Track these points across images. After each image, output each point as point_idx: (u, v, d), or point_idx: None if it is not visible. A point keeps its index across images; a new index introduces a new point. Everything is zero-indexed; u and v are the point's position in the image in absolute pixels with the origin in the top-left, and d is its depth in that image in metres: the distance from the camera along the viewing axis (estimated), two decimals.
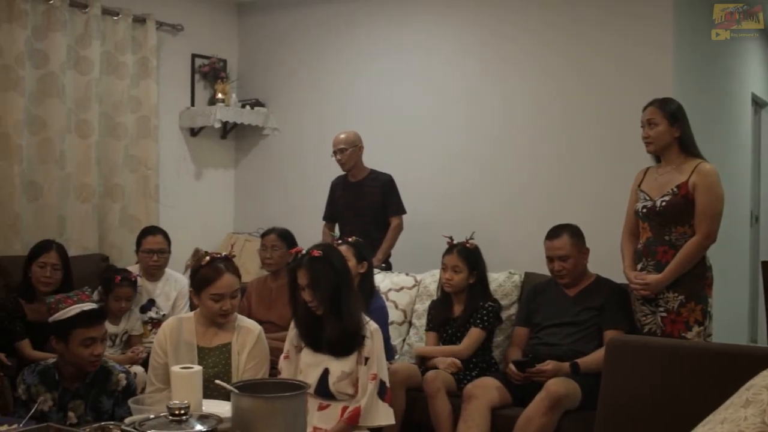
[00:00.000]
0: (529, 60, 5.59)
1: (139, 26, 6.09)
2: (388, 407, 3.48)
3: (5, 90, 5.27)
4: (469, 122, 5.81)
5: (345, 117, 6.17)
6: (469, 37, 5.84)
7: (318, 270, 3.45)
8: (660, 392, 3.17)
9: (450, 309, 4.58)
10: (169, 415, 2.47)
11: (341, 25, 6.45)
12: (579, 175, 5.38)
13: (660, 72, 5.06)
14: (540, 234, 4.51)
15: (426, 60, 6.01)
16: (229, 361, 3.54)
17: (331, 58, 6.50)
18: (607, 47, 5.27)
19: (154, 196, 6.12)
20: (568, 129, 5.43)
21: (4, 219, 5.26)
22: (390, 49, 6.18)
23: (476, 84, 5.80)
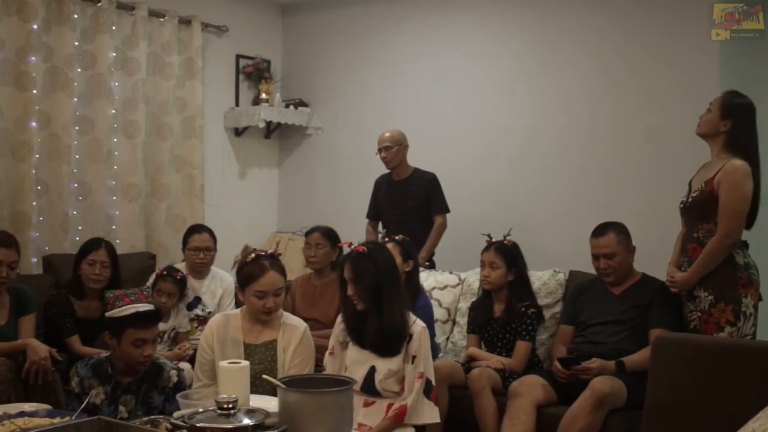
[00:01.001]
0: (571, 58, 5.55)
1: (184, 27, 6.16)
2: (434, 406, 3.49)
3: (55, 91, 5.35)
4: (513, 121, 5.79)
5: (388, 116, 6.18)
6: (513, 36, 5.82)
7: (361, 265, 3.49)
8: (707, 390, 3.14)
9: (491, 309, 4.58)
10: (217, 409, 2.50)
11: (384, 24, 6.46)
12: (626, 173, 5.33)
13: (706, 72, 5.00)
14: (585, 232, 4.49)
15: (470, 59, 6.00)
16: (275, 357, 3.56)
17: (374, 57, 6.51)
18: (658, 46, 5.21)
19: (199, 196, 6.18)
20: (615, 126, 5.38)
21: (54, 218, 5.35)
22: (433, 47, 6.17)
23: (518, 83, 5.77)
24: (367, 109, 6.51)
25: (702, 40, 5.05)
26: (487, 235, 4.65)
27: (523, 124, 5.75)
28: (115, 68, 5.68)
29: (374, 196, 5.73)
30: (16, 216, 5.15)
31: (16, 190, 5.16)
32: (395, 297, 3.51)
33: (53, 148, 5.35)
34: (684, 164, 4.35)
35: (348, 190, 6.52)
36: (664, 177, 5.03)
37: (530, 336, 4.41)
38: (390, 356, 3.48)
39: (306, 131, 6.78)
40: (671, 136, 5.10)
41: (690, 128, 4.15)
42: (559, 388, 4.12)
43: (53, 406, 3.34)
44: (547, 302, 4.76)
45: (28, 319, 4.27)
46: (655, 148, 5.21)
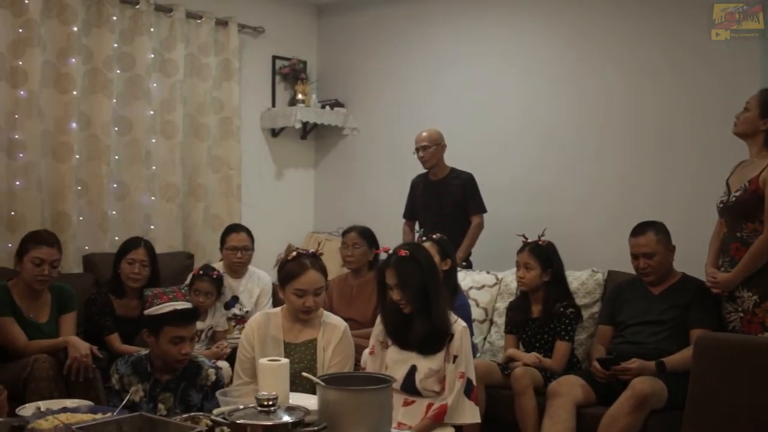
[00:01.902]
0: (613, 57, 5.50)
1: (221, 29, 6.20)
2: (474, 406, 3.47)
3: (94, 92, 5.42)
4: (551, 120, 5.75)
5: (424, 116, 6.16)
6: (552, 36, 5.77)
7: (406, 269, 3.47)
8: (750, 391, 3.11)
9: (528, 310, 4.55)
10: (257, 406, 2.52)
11: (420, 24, 6.46)
12: (665, 172, 5.27)
13: (748, 69, 4.94)
14: (624, 231, 4.45)
15: (506, 58, 5.97)
16: (315, 356, 3.56)
17: (410, 57, 6.51)
18: (699, 42, 5.16)
19: (236, 196, 6.21)
20: (655, 125, 5.32)
21: (93, 217, 5.41)
22: (470, 47, 6.15)
23: (558, 82, 5.73)
24: (403, 109, 6.50)
25: (741, 40, 5.00)
26: (522, 236, 4.63)
27: (561, 123, 5.71)
28: (153, 69, 5.74)
29: (411, 196, 5.73)
30: (57, 216, 5.22)
31: (56, 190, 5.23)
32: (440, 296, 3.50)
33: (93, 148, 5.41)
34: (725, 163, 4.29)
35: (384, 190, 6.52)
36: (705, 176, 4.95)
37: (569, 336, 4.38)
38: (431, 355, 3.47)
39: (342, 132, 6.79)
40: (711, 135, 5.03)
41: (729, 127, 4.10)
42: (599, 389, 4.09)
43: (94, 402, 3.36)
44: (585, 302, 4.73)
45: (69, 317, 4.32)
46: (695, 147, 5.15)
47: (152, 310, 3.42)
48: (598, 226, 5.47)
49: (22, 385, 3.77)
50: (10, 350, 4.05)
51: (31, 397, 3.64)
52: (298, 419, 2.50)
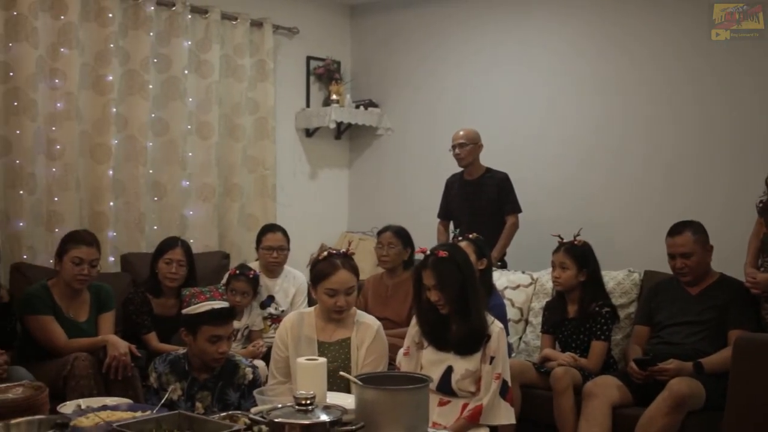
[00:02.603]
0: (656, 59, 5.46)
1: (256, 30, 6.24)
2: (510, 407, 3.47)
3: (131, 94, 5.47)
4: (587, 120, 5.72)
5: (458, 116, 6.16)
6: (585, 36, 5.75)
7: (444, 270, 3.47)
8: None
9: (564, 310, 4.54)
10: (295, 405, 2.53)
11: (454, 23, 6.45)
12: (703, 171, 5.23)
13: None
14: (660, 231, 4.43)
15: (540, 58, 5.95)
16: (348, 355, 3.57)
17: (444, 57, 6.50)
18: (739, 45, 5.11)
19: (271, 196, 6.25)
20: (693, 125, 5.28)
21: (130, 217, 5.47)
22: (502, 47, 6.14)
23: (593, 81, 5.70)
24: (437, 109, 6.50)
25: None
26: (558, 236, 4.61)
27: (596, 123, 5.68)
28: (189, 71, 5.78)
29: (445, 195, 5.72)
30: (95, 216, 5.28)
31: (94, 191, 5.29)
32: (478, 297, 3.50)
33: (130, 149, 5.47)
34: (764, 162, 4.25)
35: (418, 190, 6.52)
36: (744, 176, 4.91)
37: (605, 336, 4.35)
38: (468, 356, 3.47)
39: (376, 132, 6.80)
40: (750, 134, 4.99)
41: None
42: (635, 389, 4.06)
43: (132, 400, 3.40)
44: (621, 302, 4.70)
45: (107, 316, 4.37)
46: (734, 146, 5.10)
47: (190, 309, 3.45)
48: (634, 225, 5.44)
49: (62, 383, 3.81)
50: (51, 348, 4.09)
51: (71, 395, 3.68)
52: (336, 418, 2.51)
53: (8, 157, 4.88)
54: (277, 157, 6.34)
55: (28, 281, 4.50)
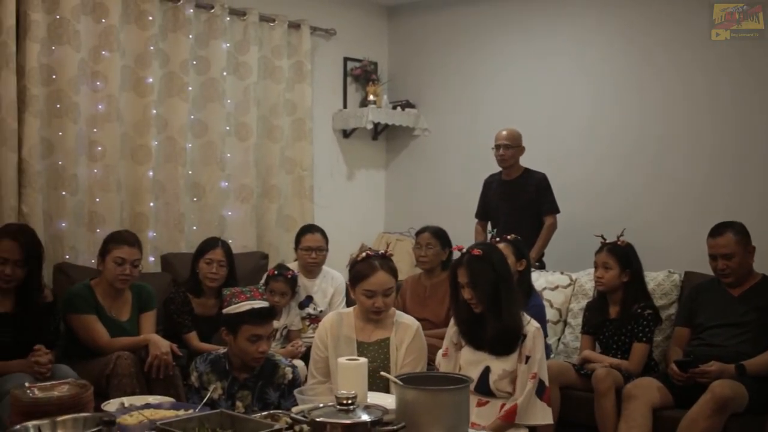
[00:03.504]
0: (691, 55, 5.41)
1: (294, 32, 6.27)
2: (547, 407, 3.45)
3: (171, 96, 5.52)
4: (625, 120, 5.68)
5: (496, 116, 6.14)
6: (624, 35, 5.70)
7: (478, 268, 3.47)
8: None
9: (606, 311, 4.51)
10: (336, 405, 2.54)
11: (490, 24, 6.44)
12: (744, 171, 5.18)
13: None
14: (701, 232, 4.39)
15: (578, 58, 5.92)
16: (388, 356, 3.58)
17: (481, 57, 6.49)
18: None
19: (308, 197, 6.27)
20: (732, 124, 5.23)
21: (170, 218, 5.52)
22: (541, 47, 6.12)
23: (633, 81, 5.66)
24: (474, 110, 6.49)
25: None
26: (601, 236, 4.58)
27: (636, 122, 5.64)
28: (228, 72, 5.82)
29: (483, 195, 5.71)
30: (135, 216, 5.34)
31: (135, 192, 5.35)
32: (512, 297, 3.49)
33: (169, 151, 5.52)
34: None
35: (455, 190, 6.51)
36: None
37: (647, 338, 4.32)
38: (505, 356, 3.46)
39: (413, 132, 6.80)
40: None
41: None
42: (676, 391, 4.03)
43: (173, 399, 3.43)
44: (662, 303, 4.67)
45: (149, 316, 4.41)
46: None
47: (230, 308, 3.47)
48: (675, 226, 5.40)
49: (105, 382, 3.86)
50: (93, 347, 4.14)
51: (114, 393, 3.73)
52: (377, 418, 2.52)
53: (51, 159, 4.95)
54: (315, 158, 6.37)
55: (71, 281, 4.56)
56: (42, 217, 4.83)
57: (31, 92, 4.77)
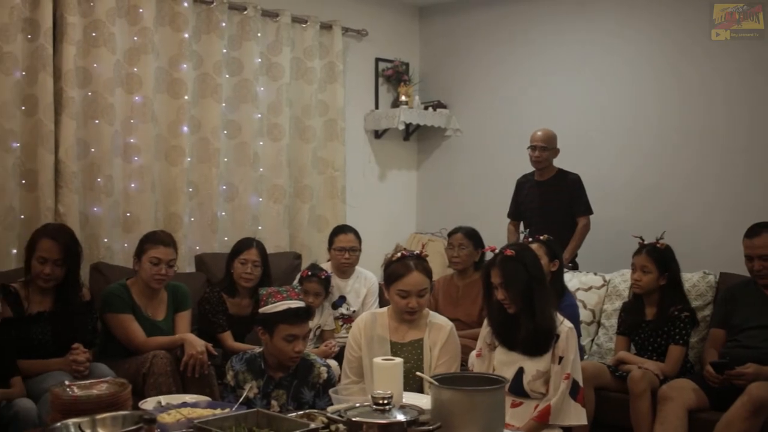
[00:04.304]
0: (724, 55, 5.37)
1: (326, 33, 6.29)
2: (581, 407, 3.44)
3: (204, 97, 5.57)
4: (660, 120, 5.65)
5: (527, 117, 6.14)
6: (661, 34, 5.67)
7: (511, 269, 3.47)
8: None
9: (642, 312, 4.48)
10: (372, 404, 2.55)
11: (522, 24, 6.42)
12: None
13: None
14: (736, 233, 4.36)
15: (613, 57, 5.90)
16: (421, 356, 3.59)
17: (512, 57, 6.48)
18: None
19: (340, 197, 6.29)
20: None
21: (204, 218, 5.56)
22: (574, 46, 6.10)
23: (669, 80, 5.62)
24: (506, 110, 6.48)
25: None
26: (639, 238, 4.55)
27: (672, 123, 5.62)
28: (260, 73, 5.86)
29: (516, 196, 5.70)
30: (170, 217, 5.38)
31: (169, 192, 5.39)
32: (545, 297, 3.48)
33: (203, 151, 5.56)
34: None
35: (487, 190, 6.51)
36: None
37: (684, 340, 4.29)
38: (538, 357, 3.45)
39: (445, 133, 6.80)
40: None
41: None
42: (711, 393, 4.00)
43: (209, 398, 3.46)
44: (697, 305, 4.63)
45: (184, 315, 4.44)
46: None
47: (267, 308, 3.48)
48: (710, 227, 5.36)
49: (142, 380, 3.90)
50: (130, 346, 4.19)
51: (150, 392, 3.78)
52: (413, 418, 2.53)
53: (87, 160, 5.00)
54: (347, 159, 6.38)
55: (107, 281, 4.61)
56: (78, 217, 4.88)
57: (67, 94, 4.83)
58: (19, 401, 3.49)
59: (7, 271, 4.41)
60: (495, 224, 5.72)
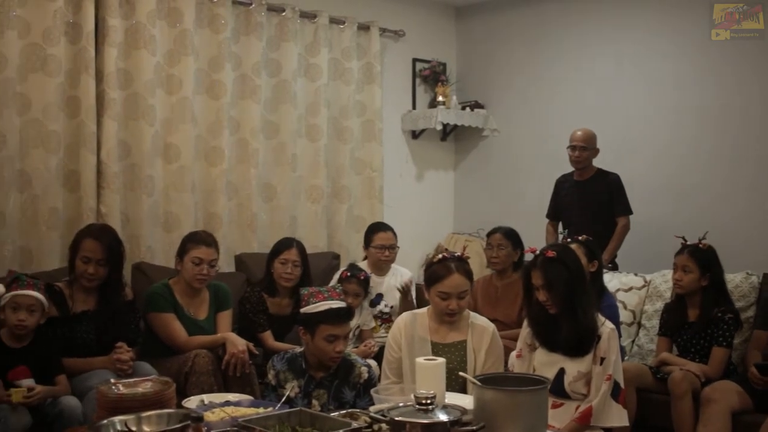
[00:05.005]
0: (759, 52, 5.31)
1: (363, 33, 6.30)
2: (622, 409, 3.42)
3: (243, 98, 5.60)
4: (701, 120, 5.59)
5: (565, 116, 6.10)
6: (697, 33, 5.59)
7: (552, 270, 3.45)
8: None
9: (684, 313, 4.44)
10: (415, 404, 2.56)
11: (559, 23, 6.39)
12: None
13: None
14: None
15: (651, 56, 5.83)
16: (465, 357, 3.59)
17: (550, 56, 6.45)
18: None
19: (378, 197, 6.30)
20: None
21: (243, 218, 5.59)
22: (612, 45, 6.05)
23: (709, 79, 5.56)
24: (544, 110, 6.45)
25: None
26: (682, 238, 4.51)
27: (713, 123, 5.55)
28: (299, 75, 5.88)
29: (555, 196, 5.68)
30: (209, 217, 5.42)
31: (208, 193, 5.43)
32: (586, 298, 3.46)
33: (242, 152, 5.59)
34: None
35: (524, 191, 6.48)
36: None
37: (727, 342, 4.24)
38: (580, 357, 3.44)
39: (482, 133, 6.78)
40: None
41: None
42: (755, 395, 3.96)
43: (251, 397, 3.49)
44: (740, 306, 4.58)
45: (225, 315, 4.47)
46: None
47: (308, 308, 3.50)
48: (753, 227, 5.30)
49: (184, 379, 3.93)
50: (172, 345, 4.22)
51: (192, 391, 3.81)
52: (456, 418, 2.53)
53: (128, 161, 5.06)
54: (384, 159, 6.39)
55: (149, 280, 4.66)
56: (119, 217, 4.94)
57: (109, 96, 4.88)
58: (64, 399, 3.54)
59: (51, 271, 4.47)
60: (532, 224, 5.69)
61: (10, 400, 3.40)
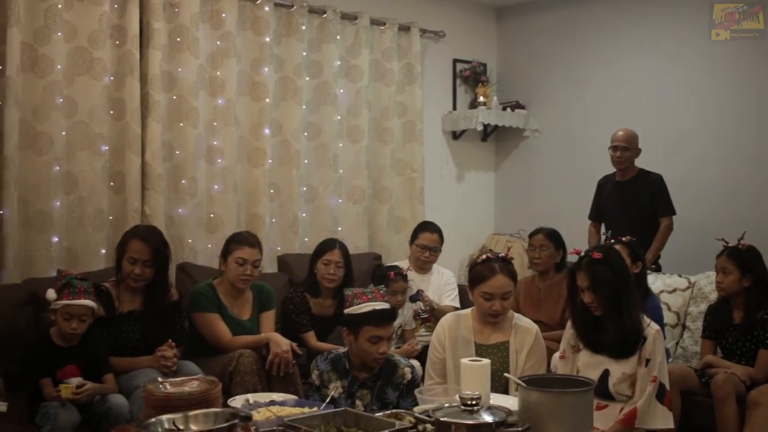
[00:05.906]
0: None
1: (404, 34, 6.31)
2: (667, 411, 3.39)
3: (285, 99, 5.64)
4: (746, 120, 5.53)
5: (608, 116, 6.06)
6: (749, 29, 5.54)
7: (598, 272, 3.43)
8: None
9: (729, 315, 4.38)
10: (460, 405, 2.56)
11: (600, 23, 6.35)
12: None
13: None
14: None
15: (693, 56, 5.78)
16: (507, 359, 3.58)
17: (591, 57, 6.41)
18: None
19: (419, 198, 6.30)
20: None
21: (285, 219, 5.63)
22: (654, 45, 5.99)
23: (751, 82, 5.49)
24: (585, 110, 6.41)
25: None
26: (722, 240, 4.46)
27: (756, 121, 5.48)
28: (340, 76, 5.91)
29: (597, 197, 5.64)
30: (252, 218, 5.46)
31: (251, 194, 5.47)
32: (632, 300, 3.44)
33: (284, 153, 5.63)
34: None
35: (565, 191, 6.45)
36: None
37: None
38: (624, 359, 3.41)
39: (523, 133, 6.76)
40: None
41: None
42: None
43: (296, 396, 3.51)
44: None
45: (269, 315, 4.50)
46: None
47: (352, 309, 3.52)
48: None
49: (228, 378, 3.96)
50: (216, 345, 4.25)
51: (236, 390, 3.84)
52: (501, 419, 2.53)
53: (172, 162, 5.11)
54: (425, 160, 6.39)
55: (193, 280, 4.70)
56: (163, 218, 4.99)
57: (153, 98, 4.94)
58: (112, 397, 3.59)
59: (97, 271, 4.53)
60: (574, 225, 5.65)
61: (60, 396, 3.46)
